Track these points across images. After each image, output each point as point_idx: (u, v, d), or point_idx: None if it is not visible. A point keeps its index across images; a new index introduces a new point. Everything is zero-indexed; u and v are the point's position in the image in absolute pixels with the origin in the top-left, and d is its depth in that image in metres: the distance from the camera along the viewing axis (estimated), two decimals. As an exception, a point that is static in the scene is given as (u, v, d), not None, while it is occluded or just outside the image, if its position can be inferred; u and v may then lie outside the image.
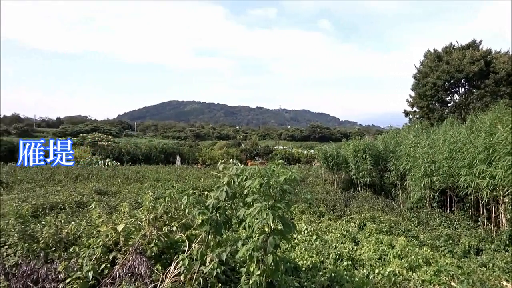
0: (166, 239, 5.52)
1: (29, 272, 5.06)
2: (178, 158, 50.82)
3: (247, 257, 4.82)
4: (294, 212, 12.61)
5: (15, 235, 5.68)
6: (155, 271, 5.12)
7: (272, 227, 4.74)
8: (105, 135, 71.00)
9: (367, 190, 18.89)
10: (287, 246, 7.13)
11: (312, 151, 67.11)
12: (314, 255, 7.09)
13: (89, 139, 62.49)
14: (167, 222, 5.70)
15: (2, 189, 15.81)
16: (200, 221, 5.14)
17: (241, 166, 5.35)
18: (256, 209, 4.58)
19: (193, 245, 5.35)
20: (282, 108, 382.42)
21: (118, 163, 42.05)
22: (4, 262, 5.22)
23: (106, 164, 39.79)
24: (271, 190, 4.76)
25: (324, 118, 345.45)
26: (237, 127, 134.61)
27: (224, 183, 5.16)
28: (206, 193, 5.61)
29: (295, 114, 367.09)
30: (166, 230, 5.49)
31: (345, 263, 7.02)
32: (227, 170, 5.30)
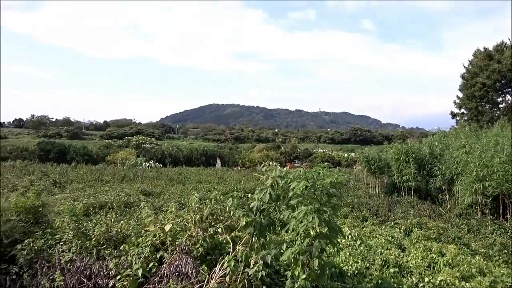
0: (211, 240, 5.60)
1: (82, 268, 5.29)
2: (218, 161, 51.60)
3: (292, 260, 4.78)
4: (337, 216, 12.38)
5: (70, 232, 5.96)
6: (201, 271, 5.20)
7: (318, 230, 4.68)
8: (149, 138, 73.55)
9: (412, 195, 18.22)
10: (331, 250, 7.01)
11: (352, 154, 65.84)
12: (359, 261, 6.93)
13: (134, 142, 64.94)
14: (213, 223, 5.78)
15: (56, 188, 16.74)
16: (244, 223, 5.17)
17: (285, 169, 5.31)
18: (302, 212, 4.54)
19: (237, 247, 5.38)
20: (321, 111, 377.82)
21: (161, 165, 43.32)
22: (60, 258, 5.48)
23: (150, 165, 41.11)
24: (316, 193, 4.70)
25: (365, 120, 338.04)
26: (276, 130, 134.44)
27: (268, 185, 5.14)
28: (249, 195, 5.65)
29: (335, 117, 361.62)
30: (212, 232, 5.56)
31: (391, 270, 6.79)
32: (270, 172, 5.28)
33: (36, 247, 5.65)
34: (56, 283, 5.11)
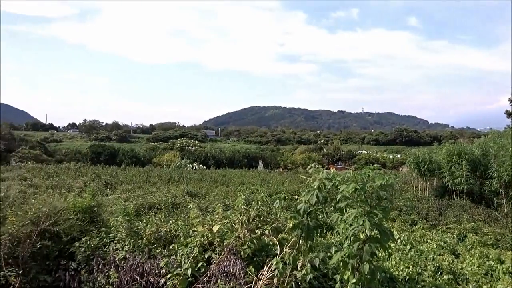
0: (258, 241, 5.62)
1: (135, 266, 5.48)
2: (260, 162, 51.87)
3: (341, 264, 4.70)
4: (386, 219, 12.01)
5: (123, 231, 6.20)
6: (248, 272, 5.23)
7: (368, 234, 4.57)
8: (192, 140, 75.39)
9: (464, 198, 17.30)
10: (380, 254, 6.80)
11: (398, 155, 63.80)
12: (410, 266, 6.67)
13: (178, 144, 66.84)
14: (259, 225, 5.79)
15: (107, 189, 17.54)
16: (291, 225, 5.14)
17: (332, 171, 5.23)
18: (351, 215, 4.44)
19: (284, 249, 5.36)
20: (365, 111, 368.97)
21: (204, 167, 44.16)
22: (114, 255, 5.72)
23: (194, 167, 42.03)
24: (366, 196, 4.59)
25: (411, 120, 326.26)
26: (318, 132, 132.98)
27: (315, 187, 5.08)
28: (296, 197, 5.61)
29: (379, 117, 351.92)
30: (259, 233, 5.58)
31: (445, 277, 6.47)
32: (316, 174, 5.21)
33: (92, 245, 5.93)
34: (111, 280, 5.33)
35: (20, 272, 5.24)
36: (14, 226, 5.68)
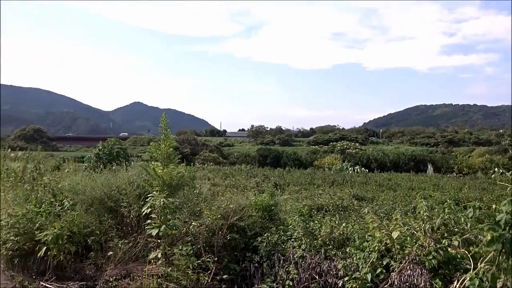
0: (444, 252, 5.12)
1: (313, 265, 5.67)
2: (429, 166, 47.62)
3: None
4: None
5: (299, 231, 6.49)
6: (435, 285, 4.81)
7: None
8: (353, 143, 74.25)
9: None
10: None
11: None
12: None
13: (338, 147, 66.80)
14: (445, 234, 5.28)
15: (276, 190, 18.69)
16: (489, 237, 4.51)
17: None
18: None
19: (479, 264, 4.74)
20: None
21: (367, 170, 42.88)
22: (293, 253, 6.03)
23: (356, 170, 41.26)
24: None
25: None
26: (501, 131, 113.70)
27: (519, 195, 4.34)
28: (493, 206, 4.88)
29: None
30: (446, 243, 5.08)
31: None
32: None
33: (272, 241, 6.39)
34: (291, 276, 5.63)
35: (215, 259, 6.00)
36: (209, 219, 6.57)
